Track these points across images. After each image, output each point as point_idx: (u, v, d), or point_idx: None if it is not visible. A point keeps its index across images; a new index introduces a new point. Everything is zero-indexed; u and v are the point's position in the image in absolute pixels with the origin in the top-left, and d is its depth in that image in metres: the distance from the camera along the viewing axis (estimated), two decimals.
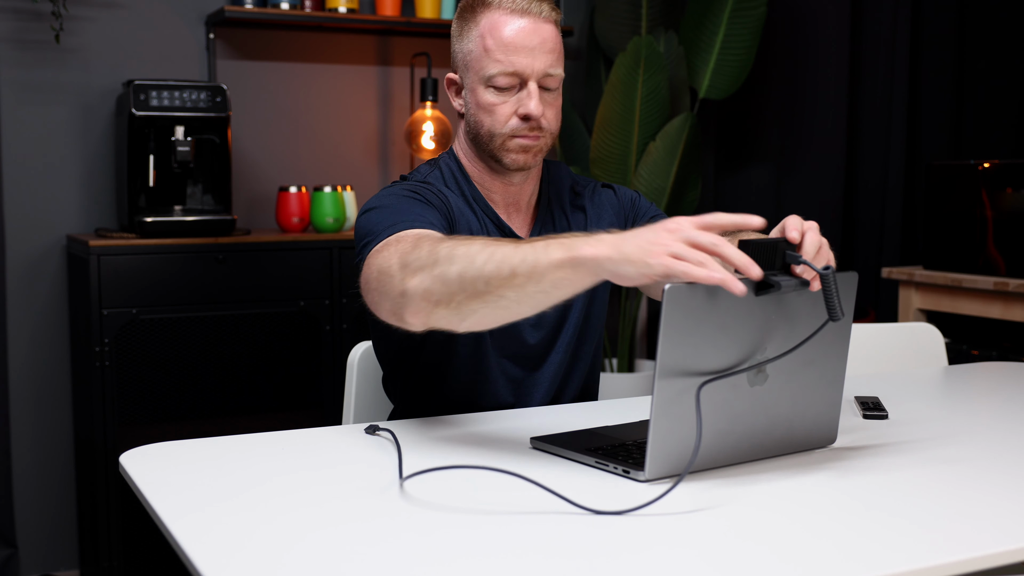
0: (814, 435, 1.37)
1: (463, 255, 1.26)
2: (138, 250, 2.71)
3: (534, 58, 1.57)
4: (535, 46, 1.57)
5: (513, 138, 1.60)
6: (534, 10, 1.58)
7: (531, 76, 1.58)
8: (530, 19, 1.58)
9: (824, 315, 1.27)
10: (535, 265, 1.21)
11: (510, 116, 1.59)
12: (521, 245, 1.24)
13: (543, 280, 1.22)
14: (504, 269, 1.23)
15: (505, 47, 1.57)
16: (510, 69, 1.57)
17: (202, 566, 0.97)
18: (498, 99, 1.59)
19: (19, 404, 2.98)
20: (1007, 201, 2.87)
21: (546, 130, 1.61)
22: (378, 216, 1.49)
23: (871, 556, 1.01)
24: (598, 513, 1.10)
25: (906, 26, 3.43)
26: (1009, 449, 1.41)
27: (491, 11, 1.59)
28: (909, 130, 3.49)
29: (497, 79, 1.58)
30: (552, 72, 1.59)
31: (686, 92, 3.34)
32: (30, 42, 2.95)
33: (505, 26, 1.58)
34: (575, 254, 1.19)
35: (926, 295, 3.04)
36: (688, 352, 1.19)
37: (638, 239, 1.18)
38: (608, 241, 1.19)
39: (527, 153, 1.61)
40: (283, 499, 1.19)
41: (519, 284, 1.23)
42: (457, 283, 1.26)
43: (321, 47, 3.29)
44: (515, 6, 1.58)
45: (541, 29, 1.58)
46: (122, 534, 2.72)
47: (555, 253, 1.21)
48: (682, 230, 1.17)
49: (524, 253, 1.22)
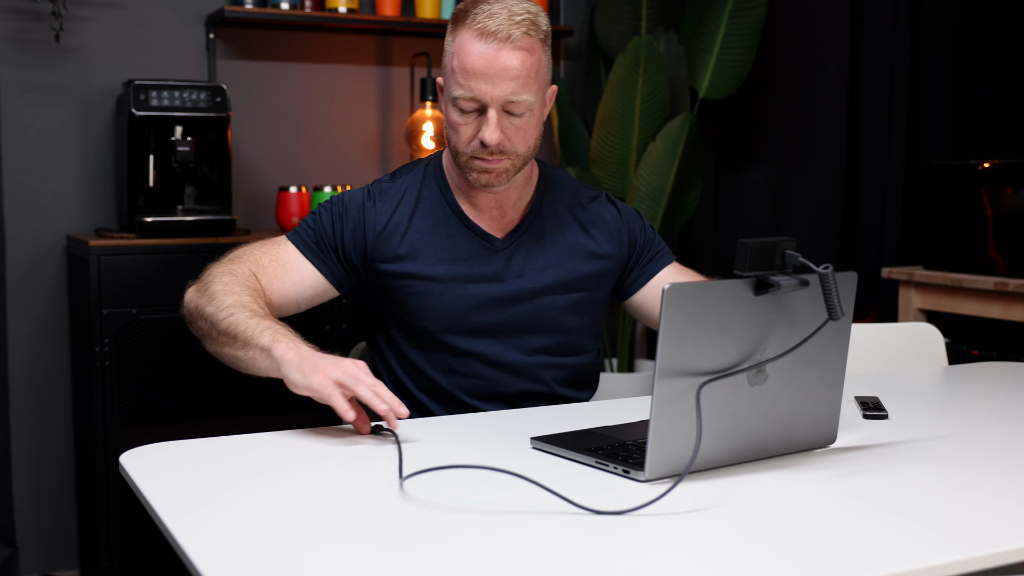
0: (814, 435, 1.37)
1: (219, 302, 1.53)
2: (138, 250, 2.71)
3: (494, 86, 1.56)
4: (496, 74, 1.55)
5: (474, 159, 1.61)
6: (504, 34, 1.55)
7: (491, 104, 1.57)
8: (497, 45, 1.55)
9: (824, 314, 1.27)
10: (248, 340, 1.46)
11: (472, 138, 1.60)
12: (252, 319, 1.48)
13: (248, 352, 1.47)
14: (231, 330, 1.49)
15: (466, 72, 1.56)
16: (469, 95, 1.57)
17: (202, 566, 0.97)
18: (462, 119, 1.60)
19: (19, 404, 2.98)
20: (1007, 201, 2.87)
21: (510, 153, 1.61)
22: (307, 218, 1.72)
23: (871, 556, 1.01)
24: (598, 513, 1.10)
25: (906, 26, 3.43)
26: (1009, 449, 1.41)
27: (465, 29, 1.58)
28: (909, 130, 3.49)
29: (460, 101, 1.58)
30: (516, 99, 1.57)
31: (686, 92, 3.34)
32: (30, 42, 2.95)
33: (470, 50, 1.56)
34: (272, 347, 1.43)
35: (926, 295, 3.04)
36: (688, 352, 1.19)
37: (319, 361, 1.39)
38: (301, 352, 1.41)
39: (489, 174, 1.62)
40: (283, 499, 1.19)
41: (236, 347, 1.49)
42: (204, 320, 1.55)
43: (321, 47, 3.29)
44: (487, 28, 1.56)
45: (506, 56, 1.55)
46: (122, 534, 2.72)
47: (264, 338, 1.45)
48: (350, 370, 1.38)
49: (249, 325, 1.47)
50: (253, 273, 1.63)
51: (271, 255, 1.67)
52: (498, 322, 1.69)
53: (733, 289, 1.22)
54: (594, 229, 1.76)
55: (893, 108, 3.45)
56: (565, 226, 1.74)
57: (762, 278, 1.23)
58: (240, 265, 1.63)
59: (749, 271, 1.22)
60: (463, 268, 1.68)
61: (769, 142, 3.68)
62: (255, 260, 1.65)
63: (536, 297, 1.70)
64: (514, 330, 1.70)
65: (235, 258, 1.65)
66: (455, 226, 1.69)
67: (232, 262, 1.63)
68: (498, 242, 1.70)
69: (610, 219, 1.78)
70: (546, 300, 1.71)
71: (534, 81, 1.58)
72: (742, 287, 1.22)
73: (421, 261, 1.67)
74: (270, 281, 1.65)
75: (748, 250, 1.21)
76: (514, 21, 1.56)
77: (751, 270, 1.22)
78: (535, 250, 1.71)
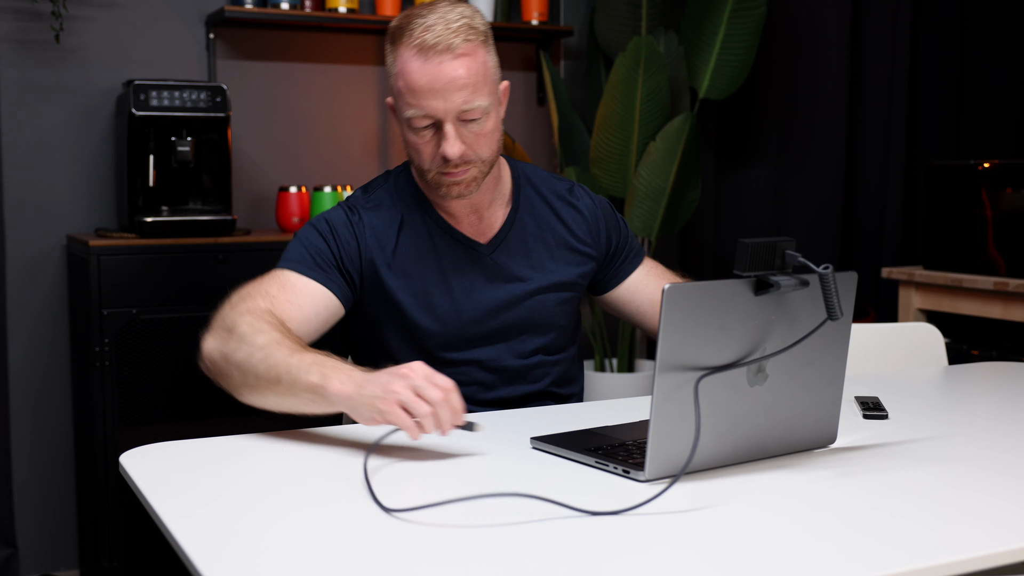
0: (814, 435, 1.37)
1: (249, 344, 1.39)
2: (138, 250, 2.71)
3: (445, 100, 1.52)
4: (444, 87, 1.52)
5: (441, 175, 1.58)
6: (444, 44, 1.51)
7: (445, 118, 1.53)
8: (438, 58, 1.51)
9: (823, 314, 1.27)
10: (294, 382, 1.34)
11: (433, 155, 1.57)
12: (293, 355, 1.36)
13: (297, 396, 1.34)
14: (271, 374, 1.36)
15: (414, 92, 1.53)
16: (422, 113, 1.54)
17: (202, 566, 0.97)
18: (419, 139, 1.57)
19: (19, 404, 2.98)
20: (1007, 201, 2.87)
21: (474, 161, 1.58)
22: (291, 247, 1.64)
23: (871, 556, 1.01)
24: (594, 514, 1.10)
25: (906, 26, 3.43)
26: (1009, 449, 1.41)
27: (403, 47, 1.54)
28: (909, 130, 3.49)
29: (413, 121, 1.55)
30: (469, 107, 1.53)
31: (686, 92, 3.34)
32: (30, 42, 2.95)
33: (413, 68, 1.52)
34: (325, 385, 1.31)
35: (926, 295, 3.04)
36: (688, 352, 1.19)
37: (376, 384, 1.28)
38: (356, 380, 1.30)
39: (459, 186, 1.59)
40: (283, 499, 1.19)
41: (280, 392, 1.36)
42: (235, 368, 1.41)
43: (321, 47, 3.29)
44: (424, 42, 1.52)
45: (450, 67, 1.52)
46: (122, 534, 2.72)
47: (312, 377, 1.32)
48: (412, 378, 1.27)
49: (291, 366, 1.34)
50: (269, 308, 1.50)
51: (277, 285, 1.56)
52: (493, 329, 1.68)
53: (733, 289, 1.22)
54: (572, 223, 1.75)
55: (893, 108, 3.45)
56: (544, 223, 1.73)
57: (762, 278, 1.23)
58: (254, 302, 1.50)
59: (749, 271, 1.22)
60: (453, 279, 1.66)
61: (769, 142, 3.68)
62: (264, 294, 1.54)
63: (527, 299, 1.69)
64: (510, 335, 1.69)
65: (244, 297, 1.51)
66: (438, 236, 1.67)
67: (244, 301, 1.50)
68: (483, 248, 1.68)
69: (586, 213, 1.76)
70: (537, 301, 1.70)
71: (484, 84, 1.55)
72: (742, 287, 1.22)
73: (413, 278, 1.65)
74: (286, 309, 1.54)
75: (748, 250, 1.21)
76: (451, 29, 1.52)
77: (751, 270, 1.22)
78: (519, 252, 1.70)
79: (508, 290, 1.68)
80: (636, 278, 1.81)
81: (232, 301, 1.51)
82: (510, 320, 1.69)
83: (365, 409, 1.28)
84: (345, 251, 1.62)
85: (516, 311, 1.69)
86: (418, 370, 1.29)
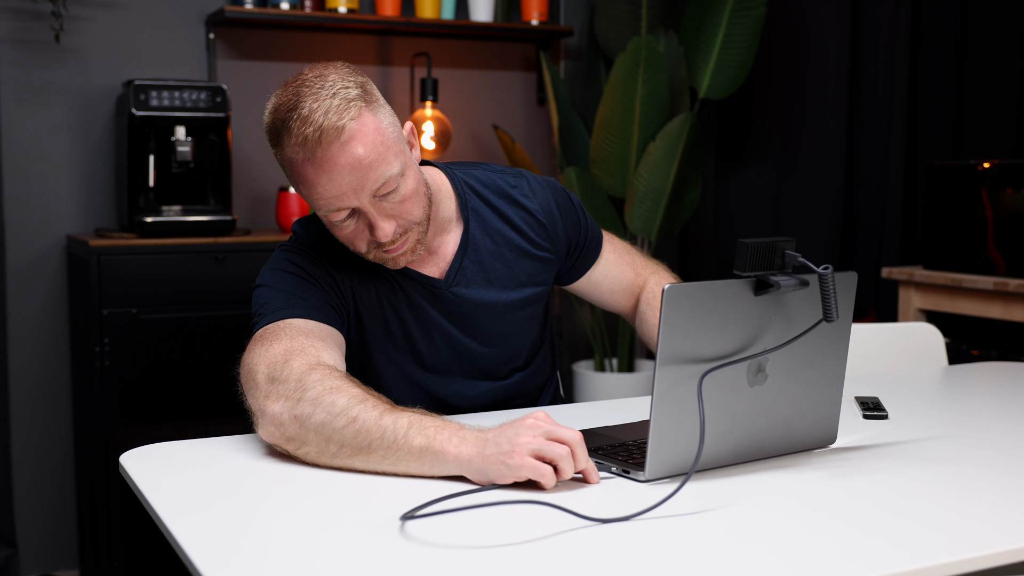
0: (814, 435, 1.37)
1: (328, 406, 1.24)
2: (138, 250, 2.71)
3: (353, 187, 1.37)
4: (346, 176, 1.37)
5: (381, 253, 1.45)
6: (331, 128, 1.35)
7: (362, 204, 1.39)
8: (328, 149, 1.35)
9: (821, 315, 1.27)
10: (392, 446, 1.21)
11: (366, 239, 1.44)
12: (386, 416, 1.23)
13: (398, 463, 1.22)
14: (361, 440, 1.22)
15: (317, 191, 1.38)
16: (334, 208, 1.39)
17: (202, 566, 0.97)
18: (343, 229, 1.43)
19: (19, 404, 2.98)
20: (1007, 201, 2.87)
21: (409, 227, 1.45)
22: (261, 297, 1.46)
23: (872, 556, 1.01)
24: (596, 521, 1.10)
25: (906, 26, 3.43)
26: (1009, 449, 1.41)
27: (287, 149, 1.38)
28: (909, 130, 3.49)
29: (329, 216, 1.41)
30: (381, 183, 1.39)
31: (686, 92, 3.34)
32: (30, 42, 2.95)
33: (308, 171, 1.37)
34: (436, 448, 1.20)
35: (926, 295, 3.04)
36: (687, 351, 1.19)
37: (500, 440, 1.18)
38: (472, 440, 1.19)
39: (404, 255, 1.47)
40: (284, 499, 1.19)
41: (373, 460, 1.23)
42: (313, 433, 1.25)
43: (321, 47, 3.29)
44: (307, 137, 1.35)
45: (345, 154, 1.36)
46: (122, 534, 2.72)
47: (416, 440, 1.20)
48: (540, 427, 1.18)
49: (384, 428, 1.22)
50: (318, 359, 1.34)
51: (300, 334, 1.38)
52: (472, 367, 1.61)
53: (732, 289, 1.22)
54: (526, 227, 1.63)
55: (893, 108, 3.45)
56: (498, 236, 1.61)
57: (762, 278, 1.23)
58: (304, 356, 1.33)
59: (749, 271, 1.22)
60: (421, 316, 1.56)
61: (769, 142, 3.68)
62: (301, 347, 1.35)
63: (496, 327, 1.61)
64: (488, 367, 1.63)
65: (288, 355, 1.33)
66: (397, 276, 1.54)
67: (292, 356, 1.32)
68: (440, 283, 1.56)
69: (540, 215, 1.64)
70: (505, 325, 1.62)
71: (386, 151, 1.39)
72: (742, 287, 1.22)
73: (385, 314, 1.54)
74: (329, 354, 1.38)
75: (748, 250, 1.21)
76: (330, 111, 1.36)
77: (751, 270, 1.22)
78: (478, 277, 1.59)
79: (477, 325, 1.59)
80: (598, 270, 1.73)
81: (272, 362, 1.33)
82: (486, 354, 1.62)
83: (492, 468, 1.17)
84: (326, 285, 1.49)
85: (489, 344, 1.61)
86: (544, 417, 1.20)
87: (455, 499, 1.13)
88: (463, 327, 1.59)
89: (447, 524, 1.07)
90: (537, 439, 1.17)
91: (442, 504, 1.11)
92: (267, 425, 1.30)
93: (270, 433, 1.30)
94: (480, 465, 1.18)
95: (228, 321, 2.80)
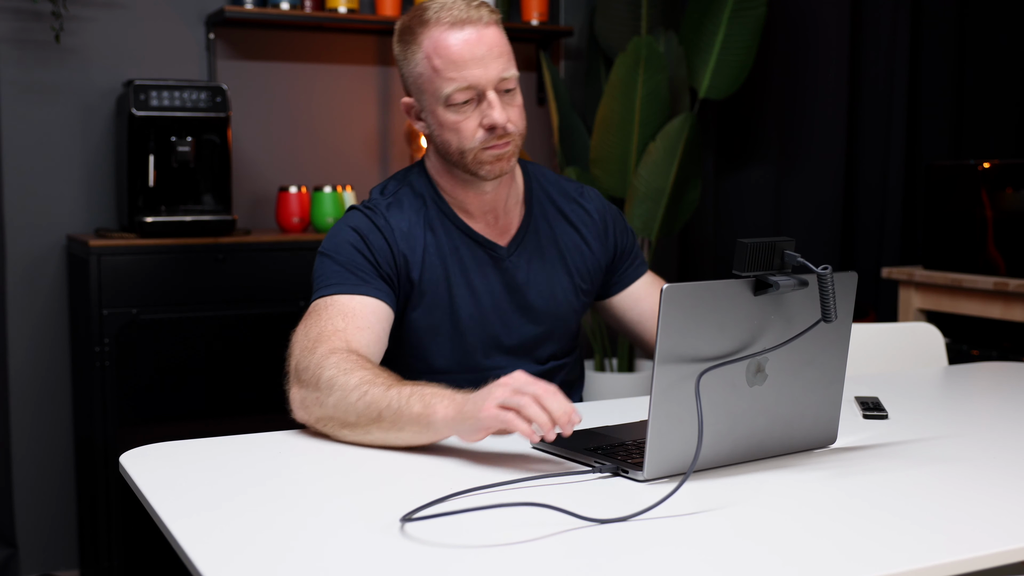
0: (814, 435, 1.37)
1: (341, 387, 1.36)
2: (138, 250, 2.71)
3: (486, 67, 1.53)
4: (483, 55, 1.53)
5: (484, 150, 1.57)
6: (474, 17, 1.54)
7: (487, 86, 1.54)
8: (472, 28, 1.53)
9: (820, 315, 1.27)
10: (397, 414, 1.32)
11: (476, 130, 1.56)
12: (391, 389, 1.33)
13: (403, 430, 1.32)
14: (372, 411, 1.33)
15: (454, 63, 1.53)
16: (464, 84, 1.53)
17: (203, 566, 0.97)
18: (460, 116, 1.56)
19: (19, 404, 2.98)
20: (1007, 201, 2.87)
21: (514, 132, 1.58)
22: (320, 267, 1.59)
23: (872, 556, 1.01)
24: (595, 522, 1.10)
25: (906, 26, 3.42)
26: (1009, 449, 1.41)
27: (430, 28, 1.55)
28: (909, 130, 3.49)
29: (454, 96, 1.54)
30: (507, 75, 1.55)
31: (686, 92, 3.34)
32: (30, 42, 2.95)
33: (449, 42, 1.53)
34: (429, 413, 1.30)
35: (926, 295, 3.04)
36: (686, 350, 1.19)
37: (476, 398, 1.26)
38: (458, 401, 1.28)
39: (501, 161, 1.59)
40: (284, 500, 1.19)
41: (384, 428, 1.34)
42: (332, 410, 1.37)
43: (321, 47, 3.29)
44: (454, 17, 1.53)
45: (485, 36, 1.54)
46: (122, 534, 2.72)
47: (415, 407, 1.31)
48: (512, 383, 1.25)
49: (390, 399, 1.32)
50: (346, 345, 1.45)
51: (339, 315, 1.50)
52: (513, 339, 1.68)
53: (732, 289, 1.22)
54: (583, 226, 1.74)
55: (893, 108, 3.45)
56: (558, 228, 1.72)
57: (761, 278, 1.23)
58: (330, 343, 1.45)
59: (748, 271, 1.22)
60: (476, 281, 1.65)
61: (769, 142, 3.68)
62: (333, 331, 1.47)
63: (546, 307, 1.69)
64: (528, 344, 1.69)
65: (317, 340, 1.45)
66: (458, 237, 1.65)
67: (319, 344, 1.45)
68: (502, 250, 1.67)
69: (596, 216, 1.76)
70: (554, 308, 1.70)
71: (511, 54, 1.58)
72: (741, 287, 1.22)
73: (439, 280, 1.63)
74: (359, 336, 1.49)
75: (747, 250, 1.21)
76: (473, 6, 1.55)
77: (750, 270, 1.22)
78: (536, 258, 1.69)
79: (528, 299, 1.67)
80: (639, 286, 1.79)
81: (304, 346, 1.45)
82: (530, 331, 1.68)
83: (469, 424, 1.26)
84: (381, 256, 1.59)
85: (535, 321, 1.69)
86: (518, 375, 1.26)
87: (455, 500, 1.13)
88: (515, 299, 1.67)
89: (447, 525, 1.07)
90: (505, 392, 1.24)
91: (442, 505, 1.11)
92: (296, 410, 1.44)
93: (300, 417, 1.43)
94: (460, 423, 1.27)
95: (228, 321, 2.80)
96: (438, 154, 1.64)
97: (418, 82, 1.59)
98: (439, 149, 1.62)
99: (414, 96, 1.62)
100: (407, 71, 1.60)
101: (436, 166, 1.67)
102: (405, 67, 1.60)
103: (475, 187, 1.64)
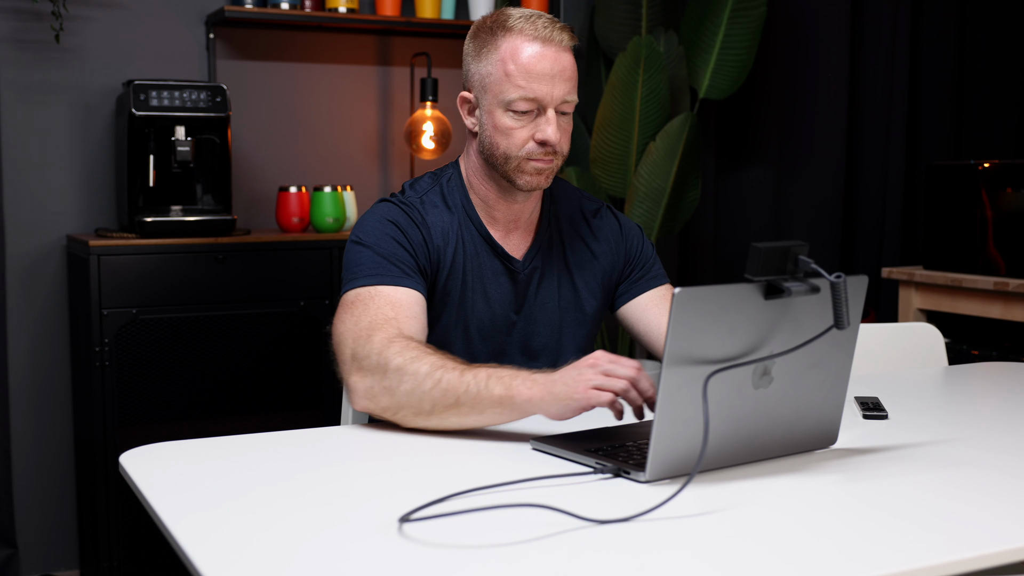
0: (815, 436, 1.37)
1: (412, 374, 1.39)
2: (138, 250, 2.71)
3: (554, 86, 1.59)
4: (555, 74, 1.59)
5: (528, 161, 1.62)
6: (555, 38, 1.59)
7: (550, 103, 1.59)
8: (552, 47, 1.59)
9: (831, 320, 1.26)
10: (477, 398, 1.36)
11: (527, 140, 1.61)
12: (465, 373, 1.37)
13: (484, 413, 1.37)
14: (449, 397, 1.37)
15: (527, 73, 1.58)
16: (530, 95, 1.58)
17: (203, 567, 0.97)
18: (516, 123, 1.61)
19: (19, 404, 2.98)
20: (1007, 201, 2.87)
21: (559, 154, 1.64)
22: (360, 256, 1.60)
23: (872, 556, 1.01)
24: (596, 522, 1.10)
25: (906, 26, 3.43)
26: (1009, 449, 1.41)
27: (513, 36, 1.60)
28: (909, 130, 3.49)
29: (517, 103, 1.59)
30: (569, 99, 1.61)
31: (686, 92, 3.34)
32: (30, 42, 2.95)
33: (527, 52, 1.59)
34: (512, 394, 1.35)
35: (926, 295, 3.04)
36: (694, 353, 1.19)
37: (565, 378, 1.33)
38: (541, 382, 1.34)
39: (540, 175, 1.64)
40: (284, 500, 1.19)
41: (463, 412, 1.38)
42: (405, 398, 1.40)
43: (321, 47, 3.29)
44: (538, 33, 1.59)
45: (561, 58, 1.60)
46: (122, 534, 2.72)
47: (496, 389, 1.36)
48: (600, 364, 1.32)
49: (468, 384, 1.37)
50: (399, 331, 1.48)
51: (387, 304, 1.53)
52: (521, 350, 1.70)
53: (743, 293, 1.21)
54: (596, 244, 1.77)
55: (893, 108, 3.45)
56: (572, 247, 1.75)
57: (773, 283, 1.22)
58: (385, 332, 1.47)
59: (760, 275, 1.21)
60: (491, 289, 1.68)
61: (769, 142, 3.68)
62: (384, 319, 1.50)
63: (554, 323, 1.72)
64: (532, 354, 1.72)
65: (371, 329, 1.47)
66: (480, 244, 1.68)
67: (375, 332, 1.46)
68: (517, 264, 1.70)
69: (611, 234, 1.79)
70: (561, 324, 1.73)
71: (576, 83, 1.63)
72: (752, 291, 1.21)
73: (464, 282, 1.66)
74: (409, 326, 1.51)
75: (760, 254, 1.20)
76: (557, 27, 1.61)
77: (762, 274, 1.21)
78: (549, 272, 1.72)
79: (536, 315, 1.71)
80: (647, 298, 1.79)
81: (357, 335, 1.47)
82: (538, 342, 1.71)
83: (558, 404, 1.33)
84: (419, 250, 1.62)
85: (542, 335, 1.71)
86: (602, 356, 1.33)
87: (454, 501, 1.13)
88: (525, 311, 1.70)
89: (446, 525, 1.07)
90: (598, 376, 1.31)
91: (441, 506, 1.11)
92: (359, 400, 1.45)
93: (364, 406, 1.45)
94: (548, 403, 1.33)
95: (228, 321, 2.80)
96: (480, 155, 1.67)
97: (484, 81, 1.63)
98: (484, 149, 1.65)
99: (474, 92, 1.65)
100: (475, 68, 1.64)
101: (475, 165, 1.69)
102: (474, 64, 1.64)
103: (508, 194, 1.67)
